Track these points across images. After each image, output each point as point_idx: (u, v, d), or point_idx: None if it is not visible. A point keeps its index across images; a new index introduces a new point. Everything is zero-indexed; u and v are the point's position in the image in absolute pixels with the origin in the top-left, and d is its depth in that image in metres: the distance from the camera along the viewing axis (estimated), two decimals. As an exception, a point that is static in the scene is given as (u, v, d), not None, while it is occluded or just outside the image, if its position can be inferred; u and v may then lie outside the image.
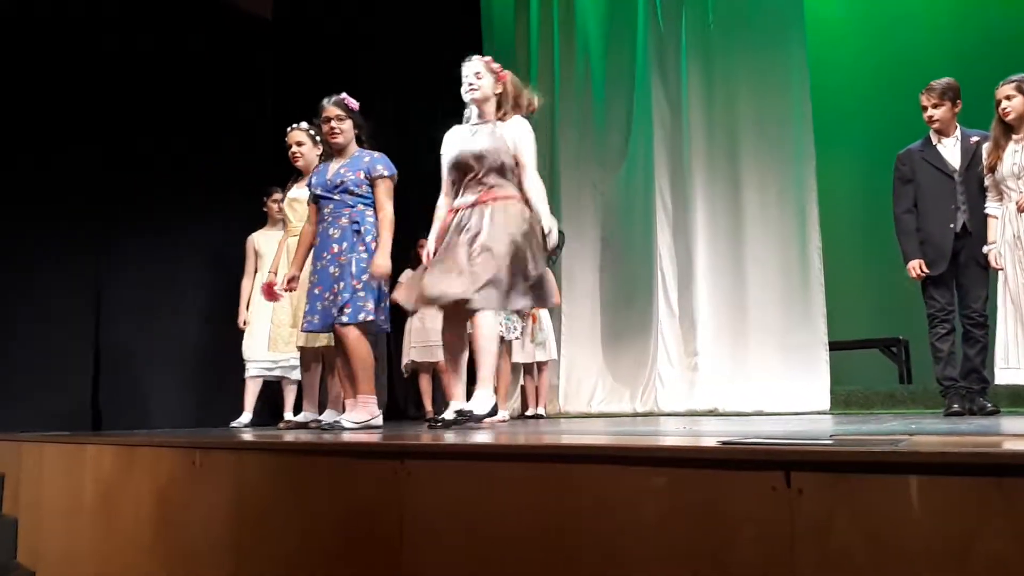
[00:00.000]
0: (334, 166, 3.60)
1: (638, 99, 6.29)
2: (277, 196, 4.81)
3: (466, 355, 3.29)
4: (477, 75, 3.31)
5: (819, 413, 4.91)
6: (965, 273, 3.74)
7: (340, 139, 3.59)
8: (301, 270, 3.73)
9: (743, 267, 5.59)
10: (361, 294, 3.39)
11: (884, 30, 6.29)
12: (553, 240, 3.15)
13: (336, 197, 3.52)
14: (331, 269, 3.46)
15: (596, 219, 6.49)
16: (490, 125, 3.31)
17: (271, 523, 2.18)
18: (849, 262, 6.01)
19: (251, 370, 4.75)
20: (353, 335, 3.40)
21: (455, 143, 3.34)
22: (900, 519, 1.38)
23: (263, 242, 4.90)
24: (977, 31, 5.70)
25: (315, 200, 3.62)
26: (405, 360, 5.93)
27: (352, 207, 3.49)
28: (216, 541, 2.32)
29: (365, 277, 3.39)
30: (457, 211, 3.25)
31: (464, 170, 3.26)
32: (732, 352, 5.55)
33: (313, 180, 3.66)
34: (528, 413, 5.87)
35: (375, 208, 3.52)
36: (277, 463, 2.25)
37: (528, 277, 3.12)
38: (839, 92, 6.27)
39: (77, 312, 5.15)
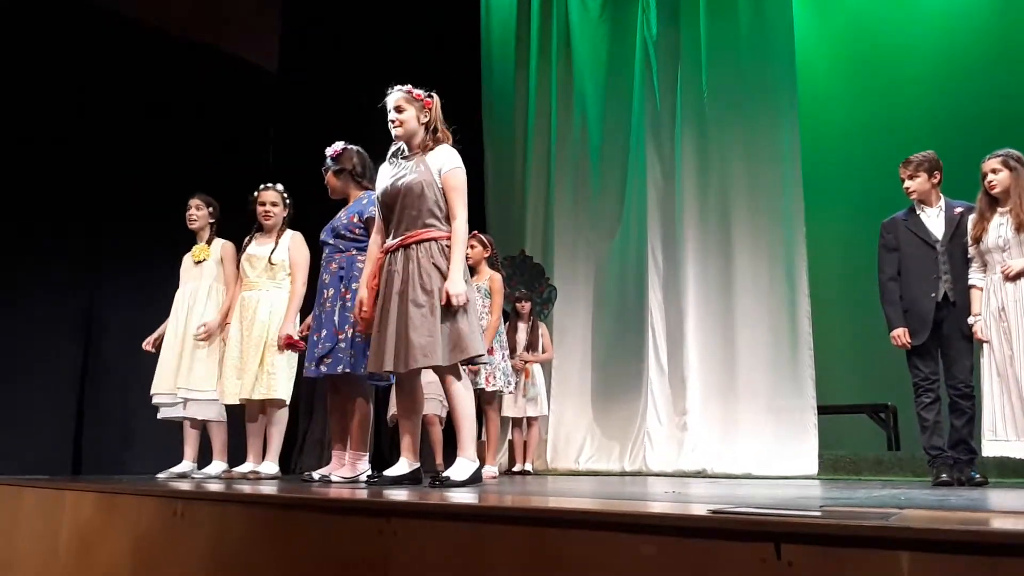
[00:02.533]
0: (338, 214, 3.64)
1: (632, 161, 6.40)
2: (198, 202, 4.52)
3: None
4: (398, 109, 3.04)
5: (807, 478, 4.88)
6: (950, 344, 3.75)
7: (337, 192, 3.65)
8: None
9: (733, 329, 5.62)
10: (342, 345, 3.36)
11: (873, 101, 6.45)
12: (457, 301, 2.80)
13: (331, 242, 3.56)
14: (323, 317, 3.46)
15: (589, 277, 6.54)
16: (416, 158, 3.02)
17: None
18: (838, 327, 6.04)
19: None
20: (346, 388, 3.39)
21: (382, 180, 3.07)
22: (892, 595, 1.37)
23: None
24: (963, 102, 5.85)
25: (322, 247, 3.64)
26: (391, 411, 5.87)
27: (344, 252, 3.50)
28: (194, 596, 2.27)
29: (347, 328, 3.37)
30: (387, 253, 2.99)
31: (390, 207, 2.99)
32: (721, 413, 5.55)
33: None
34: (515, 469, 5.81)
35: None
36: (261, 516, 2.22)
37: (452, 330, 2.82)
38: (829, 160, 6.40)
39: (62, 351, 5.12)
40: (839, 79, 6.75)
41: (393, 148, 3.13)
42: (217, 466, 4.22)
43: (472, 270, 4.07)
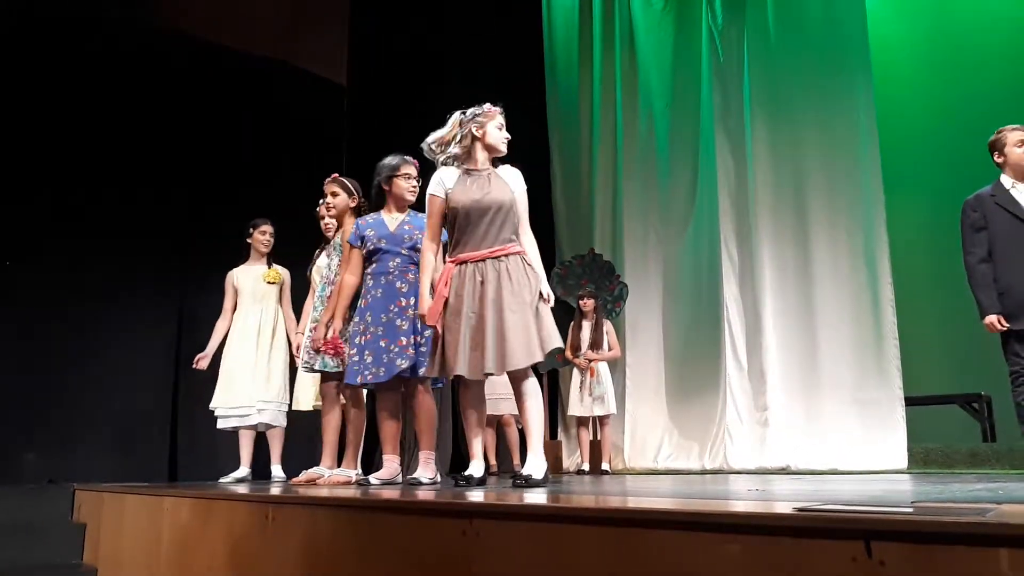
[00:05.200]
0: (392, 221, 3.70)
1: (703, 154, 6.30)
2: (266, 229, 4.88)
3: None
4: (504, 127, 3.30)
5: (896, 472, 4.72)
6: None
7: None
8: (346, 321, 3.79)
9: (813, 320, 5.47)
10: (424, 348, 3.47)
11: (951, 76, 6.20)
12: (551, 300, 3.12)
13: (404, 252, 3.64)
14: (398, 322, 3.53)
15: (661, 272, 6.47)
16: (487, 173, 3.22)
17: (341, 579, 2.20)
18: (924, 314, 5.83)
19: (233, 420, 4.68)
20: (421, 390, 3.49)
21: (464, 193, 3.17)
22: (990, 594, 1.33)
23: (243, 278, 4.86)
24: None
25: (370, 252, 3.67)
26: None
27: (416, 264, 3.58)
28: (288, 596, 2.35)
29: (427, 333, 3.45)
30: (462, 263, 3.15)
31: (475, 221, 3.16)
32: (804, 407, 5.41)
33: (369, 233, 3.68)
34: (584, 468, 5.80)
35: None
36: (349, 519, 2.28)
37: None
38: (908, 140, 6.18)
39: (157, 366, 5.38)
40: (915, 55, 6.51)
41: (456, 161, 3.22)
42: (277, 470, 4.67)
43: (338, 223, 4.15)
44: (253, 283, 4.83)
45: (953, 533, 1.33)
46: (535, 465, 2.91)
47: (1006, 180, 3.75)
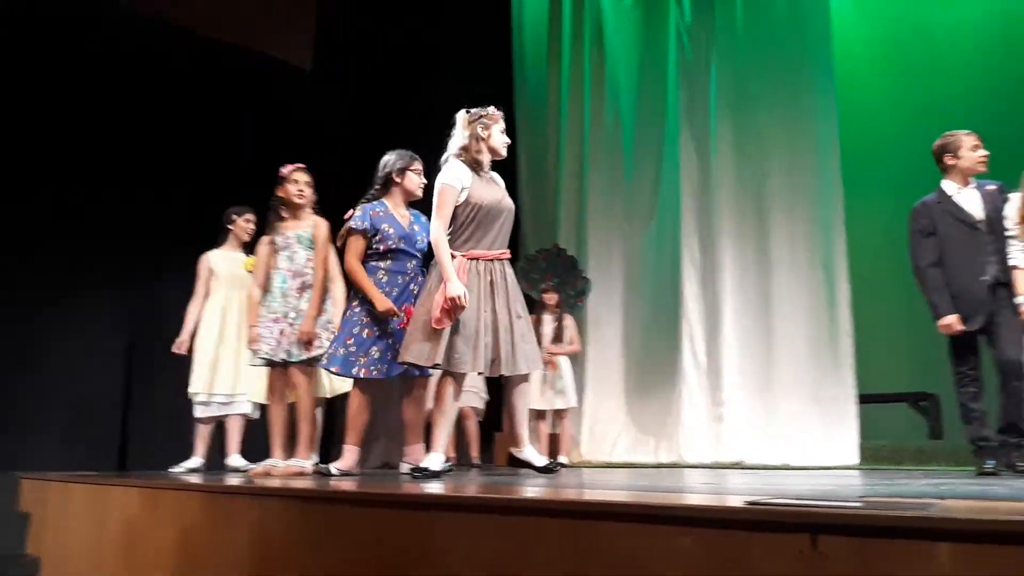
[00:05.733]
0: (403, 219, 3.71)
1: (667, 151, 6.33)
2: (250, 218, 4.79)
3: None
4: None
5: (848, 468, 4.82)
6: (1001, 324, 3.61)
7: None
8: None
9: (770, 318, 5.55)
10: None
11: (913, 81, 6.31)
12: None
13: (418, 255, 3.71)
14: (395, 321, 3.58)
15: (623, 267, 6.50)
16: (492, 175, 3.41)
17: (291, 570, 2.17)
18: (879, 314, 5.94)
19: (214, 408, 4.59)
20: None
21: (484, 192, 3.27)
22: (931, 587, 1.36)
23: (220, 263, 4.78)
24: (1008, 80, 5.70)
25: (387, 248, 3.62)
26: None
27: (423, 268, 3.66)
28: (237, 587, 2.32)
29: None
30: (475, 259, 3.23)
31: (494, 220, 3.28)
32: (759, 403, 5.48)
33: (387, 229, 3.63)
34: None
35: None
36: (301, 511, 2.26)
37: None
38: (868, 143, 6.27)
39: (107, 351, 5.26)
40: (878, 60, 6.61)
41: (463, 160, 3.27)
42: (238, 459, 4.59)
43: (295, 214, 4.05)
44: (231, 268, 4.74)
45: (896, 527, 1.36)
46: (535, 454, 3.29)
47: (949, 186, 3.79)
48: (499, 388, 6.41)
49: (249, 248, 4.77)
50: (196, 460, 4.56)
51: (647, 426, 6.12)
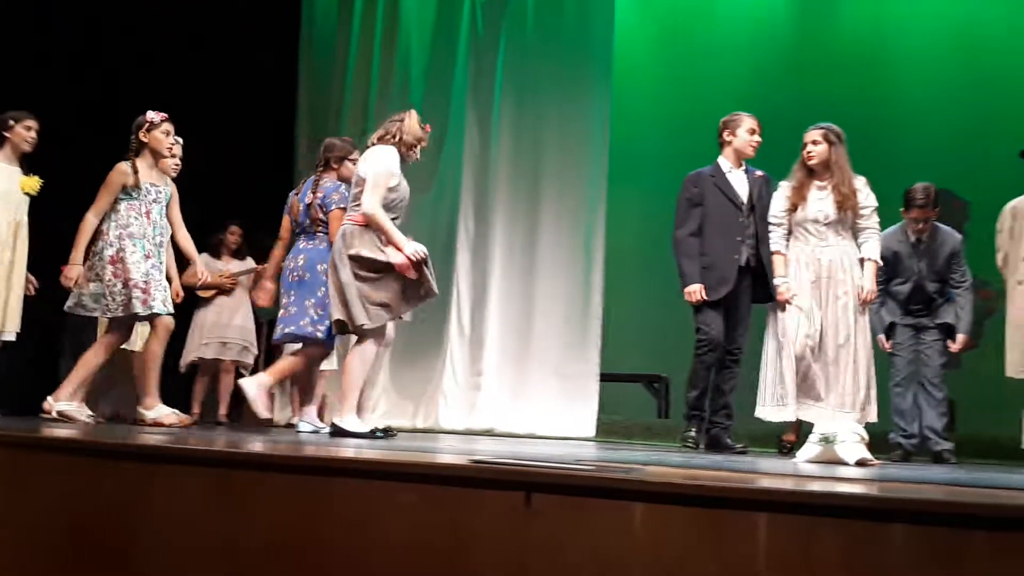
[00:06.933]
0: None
1: (452, 122, 6.35)
2: (30, 124, 4.12)
3: None
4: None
5: (585, 440, 5.20)
6: (738, 306, 3.93)
7: None
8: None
9: (533, 298, 5.81)
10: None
11: (686, 85, 6.84)
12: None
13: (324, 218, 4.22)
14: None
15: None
16: None
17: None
18: (630, 299, 6.42)
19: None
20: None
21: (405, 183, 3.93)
22: (625, 541, 1.50)
23: None
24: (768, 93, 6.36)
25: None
26: (193, 357, 5.54)
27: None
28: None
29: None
30: None
31: None
32: (513, 375, 5.74)
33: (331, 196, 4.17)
34: (294, 421, 5.68)
35: None
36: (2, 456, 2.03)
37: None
38: (636, 136, 6.72)
39: None
40: (654, 64, 7.11)
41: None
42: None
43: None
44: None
45: (599, 487, 1.48)
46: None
47: (724, 163, 4.05)
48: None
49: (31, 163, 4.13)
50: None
51: (408, 391, 6.17)
